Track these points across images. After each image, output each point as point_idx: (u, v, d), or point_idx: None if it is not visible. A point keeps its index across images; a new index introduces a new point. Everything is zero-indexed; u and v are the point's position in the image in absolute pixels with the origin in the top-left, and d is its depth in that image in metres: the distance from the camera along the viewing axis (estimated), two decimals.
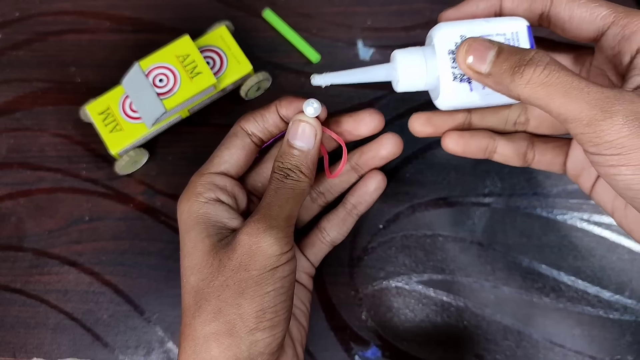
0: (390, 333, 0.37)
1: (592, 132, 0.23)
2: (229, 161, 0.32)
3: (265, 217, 0.28)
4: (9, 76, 0.43)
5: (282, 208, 0.29)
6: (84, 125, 0.41)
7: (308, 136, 0.30)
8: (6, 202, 0.40)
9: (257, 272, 0.27)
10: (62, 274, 0.39)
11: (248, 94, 0.41)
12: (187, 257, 0.29)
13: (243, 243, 0.28)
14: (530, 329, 0.37)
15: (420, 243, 0.39)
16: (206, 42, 0.39)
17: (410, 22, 0.43)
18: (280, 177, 0.29)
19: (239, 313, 0.27)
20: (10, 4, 0.44)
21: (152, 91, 0.37)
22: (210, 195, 0.30)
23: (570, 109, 0.23)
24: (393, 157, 0.34)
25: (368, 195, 0.35)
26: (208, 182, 0.31)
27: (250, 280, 0.27)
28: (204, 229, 0.29)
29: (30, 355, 0.38)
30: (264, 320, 0.27)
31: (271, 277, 0.27)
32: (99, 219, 0.40)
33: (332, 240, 0.35)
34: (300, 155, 0.30)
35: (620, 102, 0.23)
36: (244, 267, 0.27)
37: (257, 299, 0.27)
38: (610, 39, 0.26)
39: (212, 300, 0.27)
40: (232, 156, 0.32)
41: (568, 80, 0.23)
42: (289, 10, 0.43)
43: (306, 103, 0.30)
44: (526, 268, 0.38)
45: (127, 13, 0.44)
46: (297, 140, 0.30)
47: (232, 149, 0.32)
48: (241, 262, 0.27)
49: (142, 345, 0.38)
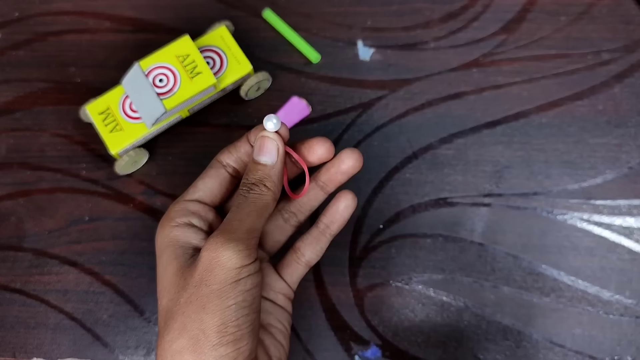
0: (390, 333, 0.37)
1: None
2: (202, 189, 0.33)
3: (224, 232, 0.29)
4: (9, 76, 0.43)
5: (242, 222, 0.29)
6: (84, 125, 0.41)
7: (270, 150, 0.31)
8: (6, 202, 0.40)
9: (217, 286, 0.28)
10: (62, 274, 0.39)
11: (248, 94, 0.41)
12: (159, 280, 0.30)
13: (203, 259, 0.28)
14: (530, 329, 0.37)
15: (420, 243, 0.39)
16: (206, 42, 0.39)
17: (410, 22, 0.43)
18: (244, 192, 0.30)
19: (202, 328, 0.27)
20: (10, 4, 0.44)
21: (152, 91, 0.37)
22: (181, 219, 0.31)
23: None
24: (354, 172, 0.34)
25: (339, 214, 0.35)
26: (181, 208, 0.32)
27: (212, 295, 0.27)
28: (172, 252, 0.30)
29: (30, 355, 0.38)
30: (226, 335, 0.27)
31: (232, 291, 0.28)
32: (99, 219, 0.40)
33: (307, 260, 0.35)
34: (264, 169, 0.31)
35: None
36: (204, 282, 0.28)
37: (218, 313, 0.27)
38: None
39: (178, 318, 0.28)
40: (206, 184, 0.33)
41: None
42: (289, 10, 0.43)
43: (266, 119, 0.31)
44: (526, 268, 0.38)
45: (127, 13, 0.44)
46: (260, 156, 0.31)
47: (206, 179, 0.33)
48: (202, 277, 0.28)
49: (142, 345, 0.38)
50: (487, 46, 0.42)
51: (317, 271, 0.38)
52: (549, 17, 0.43)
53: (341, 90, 0.41)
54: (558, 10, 0.43)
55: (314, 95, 0.42)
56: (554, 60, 0.42)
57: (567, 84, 0.41)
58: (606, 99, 0.40)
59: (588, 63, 0.41)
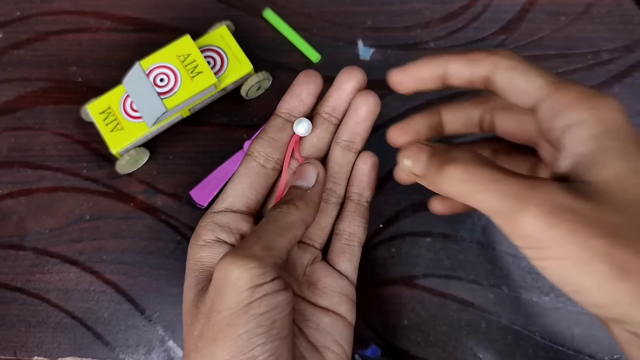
0: (390, 332, 0.37)
1: (510, 225, 0.22)
2: (231, 194, 0.29)
3: (236, 249, 0.25)
4: (10, 75, 0.43)
5: (259, 238, 0.26)
6: (84, 125, 0.41)
7: (309, 176, 0.29)
8: (7, 201, 0.40)
9: (227, 312, 0.24)
10: (62, 272, 0.39)
11: (248, 94, 0.41)
12: (184, 304, 0.27)
13: (214, 282, 0.25)
14: (530, 328, 0.37)
15: (420, 242, 0.39)
16: (207, 42, 0.39)
17: (410, 22, 0.43)
18: (271, 211, 0.28)
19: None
20: (11, 4, 0.44)
21: (152, 90, 0.37)
22: (208, 236, 0.28)
23: (488, 203, 0.22)
24: (374, 115, 0.31)
25: (366, 177, 0.32)
26: (208, 222, 0.29)
27: (221, 323, 0.24)
28: (194, 277, 0.27)
29: (31, 353, 0.38)
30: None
31: (243, 316, 0.24)
32: (99, 218, 0.40)
33: (359, 239, 0.32)
34: (297, 191, 0.28)
35: (535, 193, 0.21)
36: (215, 309, 0.25)
37: (228, 344, 0.24)
38: (543, 112, 0.24)
39: (191, 354, 0.25)
40: (235, 188, 0.30)
41: (486, 174, 0.23)
42: (289, 10, 0.43)
43: (296, 122, 0.30)
44: (525, 267, 0.38)
45: (128, 13, 0.44)
46: (299, 182, 0.29)
47: (235, 180, 0.30)
48: (213, 303, 0.25)
49: (143, 344, 0.38)
50: (487, 46, 0.42)
51: None
52: (549, 17, 0.43)
53: None
54: (558, 10, 0.43)
55: None
56: (554, 60, 0.42)
57: None
58: None
59: (587, 63, 0.41)
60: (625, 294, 0.20)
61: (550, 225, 0.21)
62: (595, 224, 0.21)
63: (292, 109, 0.32)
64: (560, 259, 0.21)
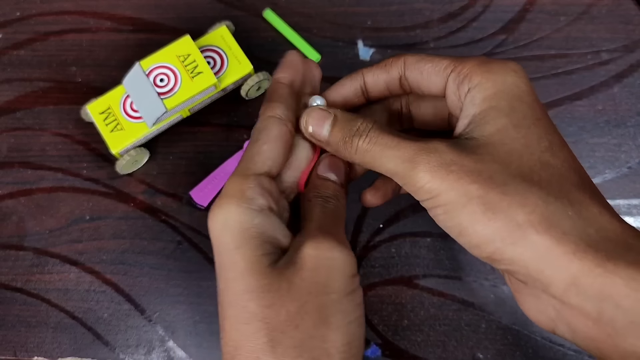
0: (390, 332, 0.37)
1: (407, 183, 0.25)
2: (271, 157, 0.26)
3: (330, 234, 0.25)
4: (10, 76, 0.43)
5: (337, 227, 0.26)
6: (85, 125, 0.41)
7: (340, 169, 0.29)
8: (7, 202, 0.40)
9: (336, 295, 0.23)
10: (63, 273, 0.39)
11: (249, 94, 0.41)
12: (240, 278, 0.24)
13: (315, 260, 0.24)
14: (530, 328, 0.37)
15: (420, 242, 0.39)
16: (207, 42, 0.39)
17: (410, 22, 0.43)
18: (321, 201, 0.27)
19: (325, 347, 0.23)
20: (11, 4, 0.44)
21: (152, 91, 0.37)
22: (262, 202, 0.25)
23: (389, 167, 0.25)
24: None
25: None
26: (256, 184, 0.25)
27: (333, 307, 0.23)
28: (259, 245, 0.24)
29: (31, 354, 0.38)
30: (350, 357, 0.23)
31: (350, 303, 0.24)
32: (99, 218, 0.40)
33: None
34: (334, 186, 0.28)
35: (424, 153, 0.24)
36: (322, 290, 0.23)
37: (342, 329, 0.23)
38: (449, 88, 0.27)
39: (290, 332, 0.23)
40: (273, 151, 0.26)
41: (386, 141, 0.25)
42: (289, 10, 0.43)
43: (311, 100, 0.29)
44: None
45: (128, 13, 0.44)
46: (330, 173, 0.29)
47: (273, 143, 0.26)
48: (317, 281, 0.23)
49: (143, 344, 0.38)
50: (486, 46, 0.42)
51: None
52: (549, 17, 0.43)
53: None
54: (557, 10, 0.43)
55: None
56: (554, 60, 0.42)
57: (566, 83, 0.41)
58: (605, 99, 0.40)
59: (587, 63, 0.41)
60: (495, 230, 0.23)
61: (436, 177, 0.24)
62: (474, 172, 0.23)
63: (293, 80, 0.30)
64: (446, 205, 0.24)
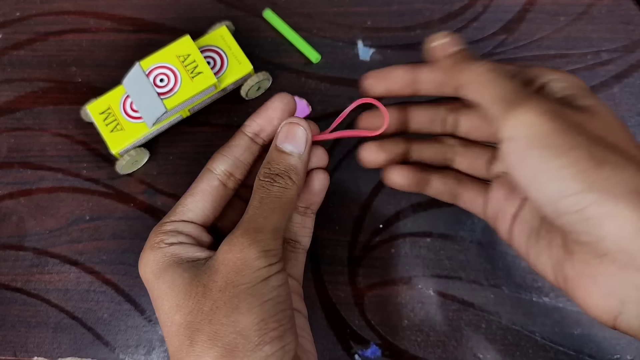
0: (390, 332, 0.37)
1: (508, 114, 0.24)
2: (193, 209, 0.29)
3: (249, 232, 0.26)
4: (10, 76, 0.43)
5: (267, 219, 0.26)
6: (84, 125, 0.41)
7: (299, 138, 0.29)
8: (7, 202, 0.40)
9: (246, 285, 0.25)
10: (62, 273, 0.39)
11: (248, 94, 0.41)
12: (166, 299, 0.26)
13: (227, 261, 0.25)
14: (530, 328, 0.37)
15: (420, 242, 0.39)
16: (207, 42, 0.39)
17: (410, 22, 0.43)
18: (266, 184, 0.27)
19: (237, 330, 0.24)
20: (11, 4, 0.44)
21: (152, 91, 0.37)
22: (173, 240, 0.28)
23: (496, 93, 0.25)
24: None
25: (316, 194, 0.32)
26: (170, 229, 0.28)
27: (242, 294, 0.25)
28: (177, 266, 0.27)
29: (31, 354, 0.38)
30: (269, 331, 0.25)
31: (265, 287, 0.25)
32: (99, 218, 0.40)
33: (304, 246, 0.33)
34: (289, 159, 0.28)
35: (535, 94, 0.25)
36: (231, 284, 0.25)
37: (254, 310, 0.25)
38: None
39: (205, 327, 0.25)
40: (197, 203, 0.29)
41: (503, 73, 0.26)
42: (289, 10, 0.43)
43: None
44: (526, 267, 0.38)
45: (128, 13, 0.44)
46: (286, 143, 0.28)
47: (197, 196, 0.29)
48: (228, 279, 0.25)
49: (143, 344, 0.38)
50: (486, 46, 0.42)
51: (317, 270, 0.38)
52: (549, 17, 0.43)
53: (341, 90, 0.42)
54: (557, 10, 0.43)
55: (314, 95, 0.42)
56: (553, 61, 0.42)
57: None
58: (605, 99, 0.40)
59: (587, 63, 0.41)
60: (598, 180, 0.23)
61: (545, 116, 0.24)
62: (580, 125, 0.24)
63: (261, 131, 0.31)
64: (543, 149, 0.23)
